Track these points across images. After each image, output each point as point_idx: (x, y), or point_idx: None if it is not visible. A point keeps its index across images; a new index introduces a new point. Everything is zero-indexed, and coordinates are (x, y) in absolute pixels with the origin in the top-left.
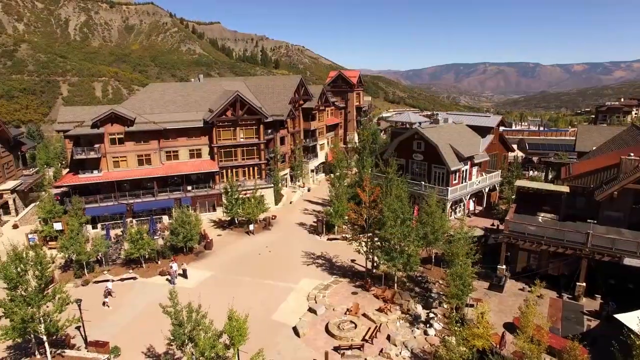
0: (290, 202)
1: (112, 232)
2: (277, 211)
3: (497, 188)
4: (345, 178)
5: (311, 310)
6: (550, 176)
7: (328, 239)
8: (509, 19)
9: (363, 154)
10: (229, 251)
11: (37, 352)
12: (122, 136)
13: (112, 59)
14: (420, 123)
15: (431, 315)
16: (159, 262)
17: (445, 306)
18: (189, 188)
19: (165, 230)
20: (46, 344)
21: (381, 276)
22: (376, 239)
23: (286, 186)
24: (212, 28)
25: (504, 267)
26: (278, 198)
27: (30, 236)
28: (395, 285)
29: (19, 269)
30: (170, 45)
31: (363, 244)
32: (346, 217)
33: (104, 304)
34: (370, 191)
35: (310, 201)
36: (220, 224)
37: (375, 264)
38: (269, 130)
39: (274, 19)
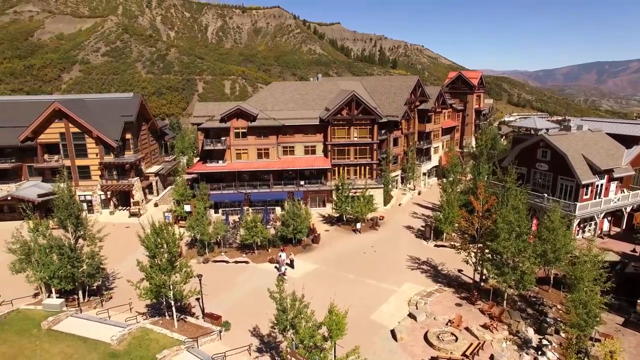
0: (400, 204)
1: (231, 218)
2: (386, 212)
3: None
4: (459, 184)
5: (411, 315)
6: None
7: (435, 245)
8: None
9: (480, 159)
10: (335, 247)
11: (166, 314)
12: (245, 130)
13: (241, 59)
14: (547, 129)
15: (544, 342)
16: (269, 250)
17: (563, 335)
18: (302, 182)
19: (277, 221)
20: (173, 308)
21: (489, 291)
22: (487, 250)
23: (396, 188)
24: (333, 28)
25: None
26: (387, 199)
27: (166, 214)
28: (505, 302)
29: (156, 242)
30: (293, 46)
31: (472, 254)
32: (456, 225)
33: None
34: (485, 200)
35: (419, 205)
36: (328, 220)
37: (483, 277)
38: (383, 131)
39: (394, 19)
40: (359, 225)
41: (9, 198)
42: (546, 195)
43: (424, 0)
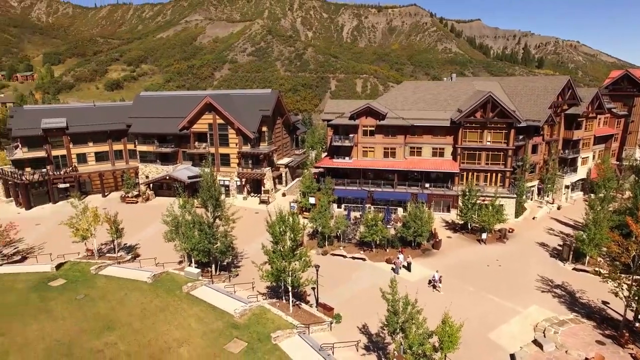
0: (534, 218)
1: (352, 214)
2: (516, 224)
3: None
4: (612, 201)
5: (537, 343)
6: None
7: (574, 269)
8: None
9: None
10: (456, 255)
11: (283, 298)
12: (373, 129)
13: (374, 58)
14: None
15: None
16: (387, 250)
17: None
18: (427, 185)
19: (398, 221)
20: (290, 294)
21: None
22: None
23: (531, 199)
24: (472, 25)
25: None
26: (520, 210)
27: (291, 204)
28: None
29: (281, 229)
30: (427, 45)
31: (625, 286)
32: (604, 249)
33: (434, 287)
34: None
35: (558, 220)
36: (451, 226)
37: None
38: (520, 136)
39: (544, 12)
40: (484, 236)
41: (167, 177)
42: None
43: None
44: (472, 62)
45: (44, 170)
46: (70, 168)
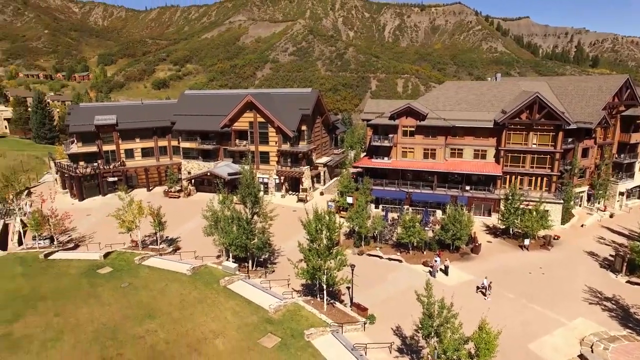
0: (582, 225)
1: (390, 215)
2: (562, 232)
3: None
4: None
5: (583, 358)
6: None
7: (628, 281)
8: None
9: None
10: (496, 260)
11: (318, 296)
12: (413, 129)
13: (415, 57)
14: None
15: None
16: (425, 252)
17: None
18: (467, 188)
19: (437, 224)
20: (324, 292)
21: None
22: None
23: (580, 206)
24: (519, 24)
25: None
26: (566, 217)
27: (329, 203)
28: None
29: (317, 228)
30: (472, 44)
31: None
32: None
33: (483, 294)
34: None
35: (610, 229)
36: (492, 231)
37: None
38: (569, 139)
39: (599, 8)
40: (527, 242)
41: (208, 174)
42: None
43: None
44: (519, 62)
45: (95, 164)
46: (119, 163)
